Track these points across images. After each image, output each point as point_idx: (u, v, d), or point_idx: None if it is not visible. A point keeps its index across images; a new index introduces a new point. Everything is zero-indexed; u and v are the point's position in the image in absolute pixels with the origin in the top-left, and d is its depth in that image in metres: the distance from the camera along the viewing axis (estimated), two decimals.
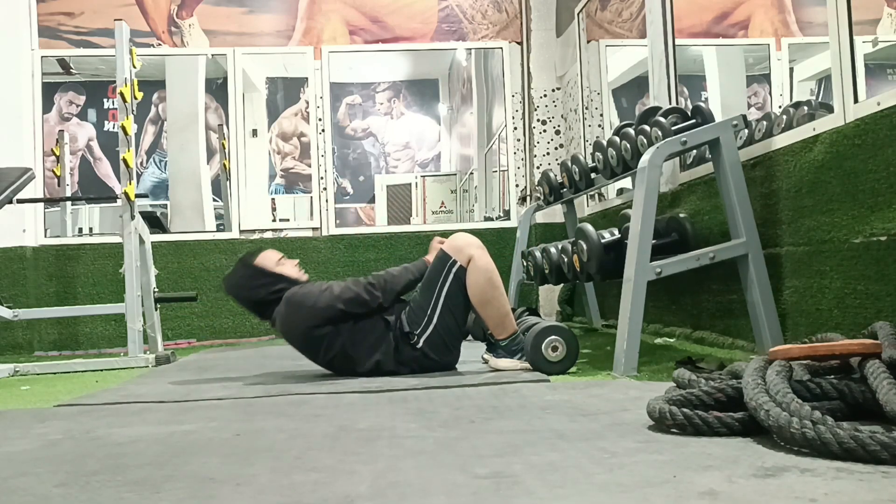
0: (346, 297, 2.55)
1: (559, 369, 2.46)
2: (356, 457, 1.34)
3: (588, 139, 4.68)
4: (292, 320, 2.59)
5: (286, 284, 2.64)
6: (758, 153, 2.62)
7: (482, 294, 2.52)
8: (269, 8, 5.25)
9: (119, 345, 4.48)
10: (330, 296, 2.55)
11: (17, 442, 1.67)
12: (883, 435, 1.11)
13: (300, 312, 2.56)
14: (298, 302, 2.57)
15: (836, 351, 1.50)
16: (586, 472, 1.16)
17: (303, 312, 2.56)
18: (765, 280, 2.48)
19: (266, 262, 2.70)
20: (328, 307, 2.54)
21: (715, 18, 4.16)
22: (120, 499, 1.13)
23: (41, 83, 5.05)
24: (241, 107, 5.27)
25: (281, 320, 2.61)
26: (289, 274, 2.69)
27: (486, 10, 5.35)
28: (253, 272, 2.68)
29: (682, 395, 1.47)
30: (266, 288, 2.65)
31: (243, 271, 2.71)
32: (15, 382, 3.10)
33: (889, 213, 1.96)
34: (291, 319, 2.59)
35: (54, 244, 4.96)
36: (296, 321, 2.58)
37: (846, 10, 2.17)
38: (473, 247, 2.56)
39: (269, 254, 2.74)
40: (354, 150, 8.89)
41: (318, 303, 2.55)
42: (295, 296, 2.59)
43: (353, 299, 2.55)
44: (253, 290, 2.67)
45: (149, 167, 7.40)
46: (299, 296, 2.58)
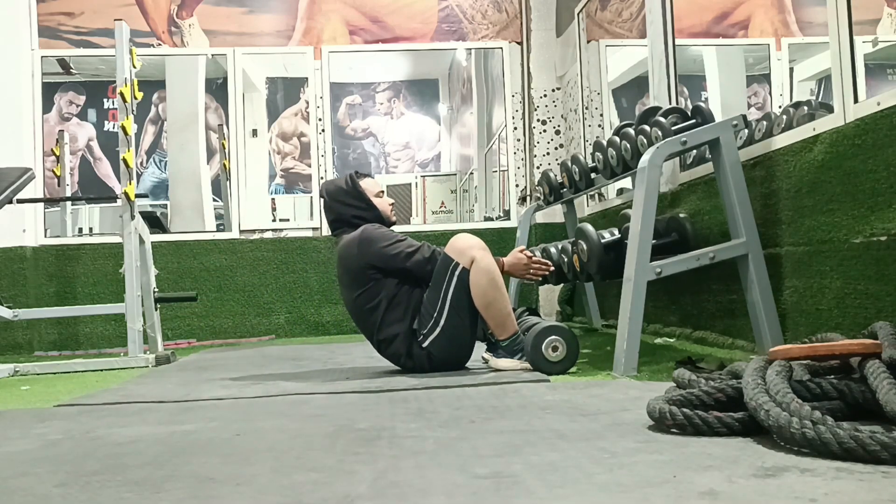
0: (415, 258, 2.58)
1: (559, 369, 2.46)
2: (356, 457, 1.34)
3: (588, 139, 4.68)
4: (356, 251, 2.62)
5: (373, 217, 2.71)
6: (758, 153, 2.62)
7: (485, 295, 2.52)
8: (269, 8, 5.25)
9: (119, 345, 4.48)
10: (403, 248, 2.59)
11: (17, 442, 1.67)
12: (883, 435, 1.11)
13: (367, 248, 2.60)
14: (371, 238, 2.61)
15: (836, 351, 1.50)
16: (586, 472, 1.16)
17: (369, 249, 2.60)
18: (765, 280, 2.48)
19: (368, 187, 2.77)
20: (394, 257, 2.58)
21: (715, 18, 4.15)
22: (120, 499, 1.13)
23: (41, 83, 5.05)
24: (241, 107, 5.27)
25: (346, 245, 2.65)
26: (381, 208, 2.76)
27: (486, 10, 5.35)
28: (351, 190, 2.74)
29: (682, 395, 1.47)
30: (354, 209, 2.72)
31: (344, 185, 2.76)
32: (15, 382, 3.10)
33: (889, 213, 1.96)
34: (355, 250, 2.62)
35: (54, 244, 4.96)
36: (358, 253, 2.61)
37: (846, 10, 2.17)
38: (475, 248, 2.56)
39: (373, 183, 2.83)
40: (354, 150, 8.89)
41: (388, 249, 2.59)
42: (371, 231, 2.63)
43: (419, 263, 2.58)
44: (344, 206, 2.74)
45: (149, 167, 7.40)
46: (377, 234, 2.63)
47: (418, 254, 2.59)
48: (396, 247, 2.60)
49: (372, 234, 2.63)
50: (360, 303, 2.63)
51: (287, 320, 5.02)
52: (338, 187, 2.77)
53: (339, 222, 2.75)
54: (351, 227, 2.70)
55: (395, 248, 2.59)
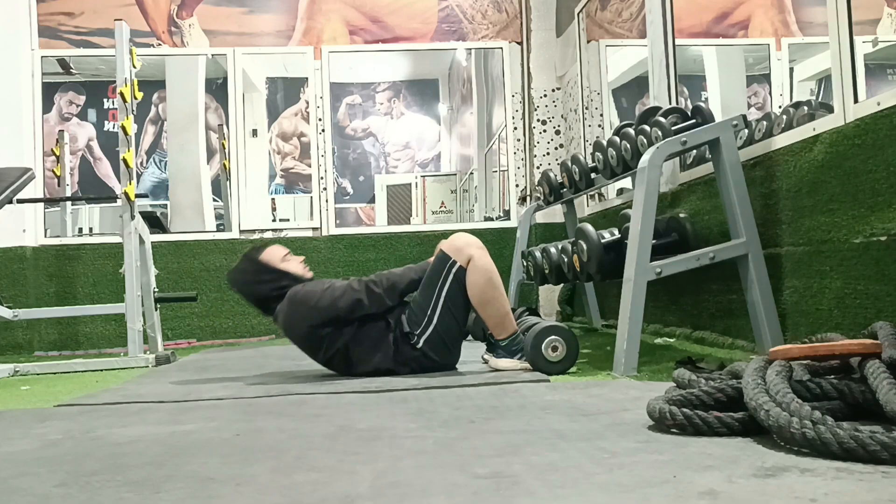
0: (346, 300, 2.53)
1: (559, 369, 2.46)
2: (356, 457, 1.34)
3: (588, 139, 4.68)
4: (294, 319, 2.59)
5: (290, 282, 2.64)
6: (758, 153, 2.62)
7: (482, 294, 2.52)
8: (269, 8, 5.25)
9: (119, 345, 4.48)
10: (331, 296, 2.54)
11: (17, 442, 1.66)
12: (883, 435, 1.11)
13: (302, 311, 2.56)
14: (300, 300, 2.57)
15: (836, 351, 1.50)
16: (586, 472, 1.16)
17: (304, 311, 2.56)
18: (765, 280, 2.48)
19: (271, 258, 2.69)
20: (329, 308, 2.54)
21: (715, 18, 4.15)
22: (120, 499, 1.13)
23: (41, 83, 5.05)
24: (241, 107, 5.27)
25: (283, 318, 2.61)
26: (293, 271, 2.69)
27: (486, 10, 5.35)
28: (257, 267, 2.68)
29: (682, 395, 1.47)
30: (269, 284, 2.64)
31: (248, 266, 2.70)
32: (15, 382, 3.10)
33: (889, 213, 1.96)
34: (293, 318, 2.59)
35: (54, 244, 4.96)
36: (297, 320, 2.58)
37: (846, 10, 2.17)
38: (473, 247, 2.55)
39: (274, 249, 2.73)
40: (354, 150, 8.89)
41: (320, 303, 2.54)
42: (297, 294, 2.58)
43: (354, 303, 2.53)
44: (257, 286, 2.66)
45: (149, 167, 7.41)
46: (301, 294, 2.58)
47: (346, 295, 2.53)
48: (324, 298, 2.53)
49: (297, 295, 2.57)
50: (328, 358, 2.61)
51: None
52: (242, 272, 2.70)
53: (265, 301, 2.66)
54: (277, 300, 2.62)
55: (324, 301, 2.53)
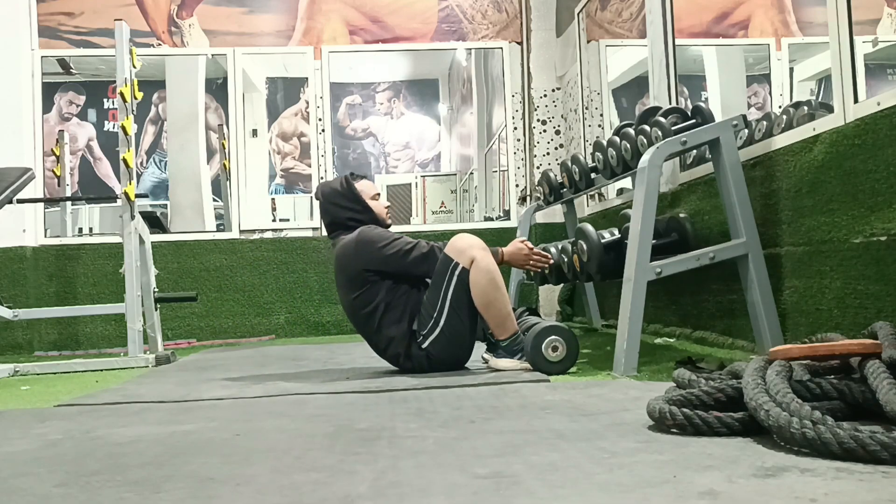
0: (413, 255, 2.57)
1: (559, 369, 2.46)
2: (356, 457, 1.34)
3: (588, 139, 4.68)
4: (352, 254, 2.60)
5: (368, 218, 2.70)
6: (758, 153, 2.62)
7: (484, 295, 2.52)
8: (269, 8, 5.25)
9: (119, 345, 4.48)
10: (400, 246, 2.57)
11: (17, 442, 1.66)
12: (883, 435, 1.11)
13: (364, 250, 2.59)
14: (368, 239, 2.59)
15: (836, 351, 1.50)
16: (586, 472, 1.16)
17: (366, 252, 2.58)
18: (765, 280, 2.48)
19: (364, 189, 2.76)
20: (391, 257, 2.57)
21: (715, 18, 4.15)
22: (120, 499, 1.13)
23: (41, 83, 5.05)
24: (241, 107, 5.27)
25: (342, 248, 2.64)
26: (376, 211, 2.74)
27: (486, 10, 5.35)
28: (347, 192, 2.72)
29: (682, 395, 1.47)
30: (349, 212, 2.70)
31: (339, 187, 2.74)
32: (15, 382, 3.10)
33: (889, 213, 1.96)
34: (352, 252, 2.60)
35: (54, 244, 4.96)
36: (355, 255, 2.60)
37: (846, 10, 2.17)
38: (475, 248, 2.56)
39: (369, 185, 2.81)
40: (354, 150, 8.89)
41: (385, 250, 2.57)
42: (368, 233, 2.61)
43: (417, 259, 2.57)
44: (338, 209, 2.72)
45: (149, 167, 7.41)
46: (372, 235, 2.61)
47: (416, 251, 2.58)
48: (394, 245, 2.58)
49: (368, 235, 2.61)
50: (358, 305, 2.63)
51: (287, 320, 5.02)
52: (333, 189, 2.76)
53: (335, 225, 2.74)
54: (347, 229, 2.68)
55: (391, 248, 2.58)
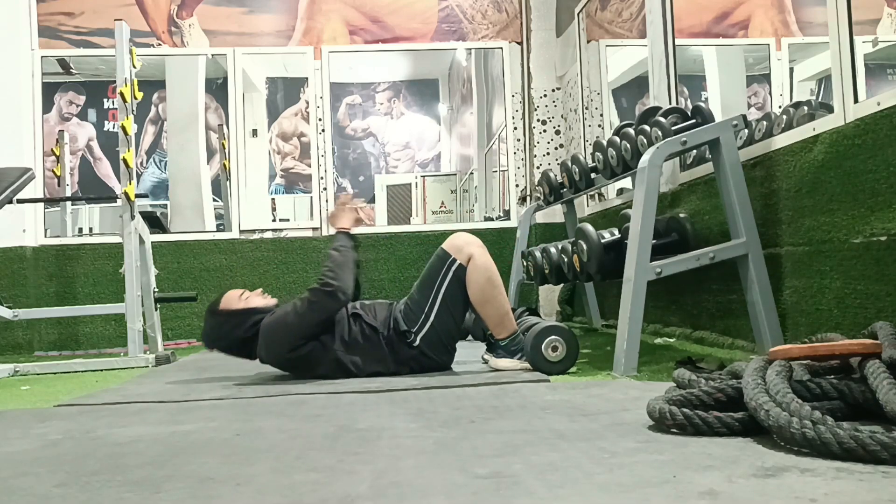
0: (309, 307, 2.51)
1: (559, 369, 2.46)
2: (356, 457, 1.34)
3: (588, 139, 4.68)
4: (273, 349, 2.55)
5: (258, 316, 2.60)
6: (758, 153, 2.62)
7: (482, 293, 2.52)
8: (269, 8, 5.25)
9: (119, 345, 4.48)
10: (295, 312, 2.51)
11: (17, 442, 1.66)
12: (883, 435, 1.11)
13: (277, 338, 2.52)
14: (272, 329, 2.53)
15: (836, 351, 1.50)
16: (586, 472, 1.16)
17: (280, 336, 2.52)
18: (765, 280, 2.48)
19: (230, 302, 2.65)
20: (299, 323, 2.50)
21: (715, 18, 4.15)
22: (120, 499, 1.13)
23: (41, 83, 5.05)
24: (241, 107, 5.27)
25: (265, 352, 2.57)
26: (256, 305, 2.65)
27: (486, 10, 5.35)
28: (221, 318, 2.63)
29: (682, 395, 1.47)
30: (240, 327, 2.60)
31: (213, 320, 2.65)
32: (15, 382, 3.10)
33: (889, 213, 1.96)
34: (273, 348, 2.55)
35: (54, 244, 4.96)
36: (277, 348, 2.54)
37: (846, 10, 2.17)
38: (474, 245, 2.55)
39: (230, 295, 2.69)
40: (354, 150, 8.89)
41: (290, 322, 2.51)
42: (267, 325, 2.54)
43: (316, 305, 2.51)
44: (229, 334, 2.62)
45: (149, 167, 7.41)
46: (271, 323, 2.54)
47: (307, 302, 2.51)
48: (288, 315, 2.52)
49: (268, 326, 2.54)
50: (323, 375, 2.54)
51: None
52: (211, 328, 2.65)
53: (245, 345, 2.62)
54: (253, 340, 2.59)
55: (291, 319, 2.51)
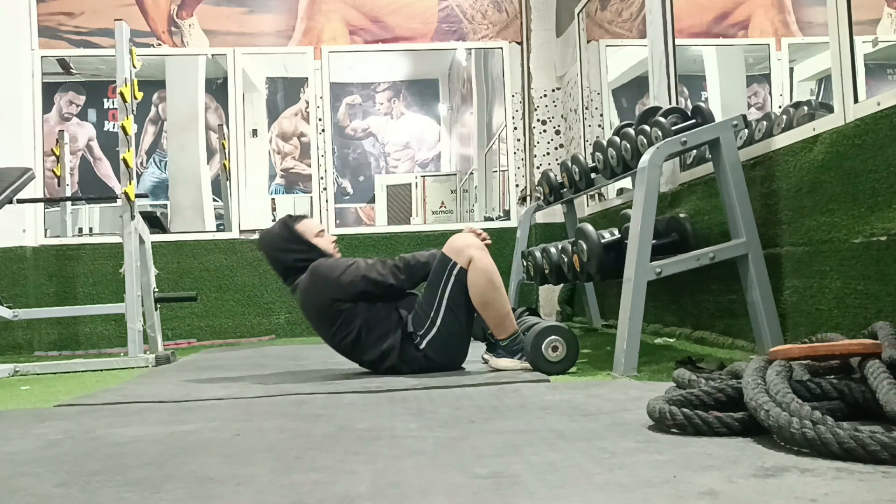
0: (371, 276, 2.55)
1: (559, 369, 2.46)
2: (356, 457, 1.34)
3: (588, 139, 4.68)
4: (313, 291, 2.59)
5: (317, 255, 2.65)
6: (758, 153, 2.62)
7: (483, 295, 2.52)
8: (269, 8, 5.25)
9: (119, 345, 4.48)
10: (355, 272, 2.55)
11: (17, 442, 1.66)
12: (883, 435, 1.11)
13: (322, 284, 2.57)
14: (322, 273, 2.58)
15: (836, 351, 1.50)
16: (586, 472, 1.16)
17: (325, 284, 2.56)
18: (765, 280, 2.48)
19: (305, 229, 2.71)
20: (351, 283, 2.54)
21: (715, 18, 4.15)
22: (120, 499, 1.13)
23: (41, 83, 5.05)
24: (241, 107, 5.27)
25: (302, 289, 2.62)
26: (323, 247, 2.70)
27: (486, 10, 5.35)
28: (289, 235, 2.69)
29: (682, 395, 1.47)
30: (296, 254, 2.66)
31: (281, 231, 2.71)
32: (15, 382, 3.09)
33: (889, 213, 1.96)
34: (313, 290, 2.59)
35: (54, 244, 4.96)
36: (317, 292, 2.58)
37: (846, 10, 2.17)
38: (473, 248, 2.55)
39: (310, 223, 2.76)
40: (354, 150, 8.89)
41: (343, 277, 2.55)
42: (320, 267, 2.59)
43: (377, 281, 2.55)
44: (283, 253, 2.68)
45: (149, 167, 7.41)
46: (324, 267, 2.59)
47: (372, 271, 2.55)
48: (348, 272, 2.55)
49: (321, 269, 2.58)
50: (338, 339, 2.61)
51: (287, 320, 5.01)
52: (274, 236, 2.71)
53: (287, 271, 2.69)
54: (299, 271, 2.64)
55: (348, 275, 2.55)
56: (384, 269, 2.57)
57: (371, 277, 2.55)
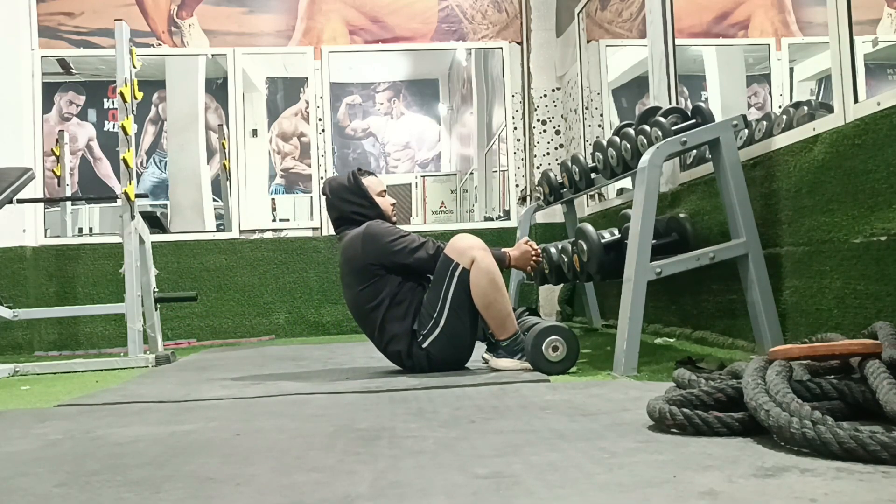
0: (419, 254, 2.59)
1: (559, 369, 2.46)
2: (356, 457, 1.34)
3: (588, 139, 4.68)
4: (360, 247, 2.62)
5: (374, 213, 2.71)
6: (758, 153, 2.62)
7: (485, 296, 2.52)
8: (269, 8, 5.25)
9: (119, 345, 4.48)
10: (407, 244, 2.59)
11: (17, 442, 1.67)
12: (883, 435, 1.11)
13: (372, 243, 2.60)
14: (376, 234, 2.61)
15: (836, 351, 1.50)
16: (586, 472, 1.16)
17: (374, 245, 2.60)
18: (765, 280, 2.48)
19: (371, 185, 2.77)
20: (399, 252, 2.58)
21: (715, 18, 4.15)
22: (120, 499, 1.13)
23: (41, 83, 5.05)
24: (241, 107, 5.27)
25: (349, 241, 2.66)
26: (382, 207, 2.76)
27: (486, 10, 5.35)
28: (354, 187, 2.75)
29: (682, 395, 1.47)
30: (355, 206, 2.72)
31: (347, 182, 2.77)
32: (15, 382, 3.10)
33: (889, 213, 1.96)
34: (360, 246, 2.62)
35: (54, 244, 4.96)
36: (363, 248, 2.61)
37: (846, 10, 2.17)
38: (476, 249, 2.56)
39: (375, 181, 2.82)
40: (354, 150, 8.89)
41: (394, 245, 2.59)
42: (376, 227, 2.63)
43: (422, 261, 2.59)
44: (344, 203, 2.74)
45: (149, 167, 7.40)
46: (381, 229, 2.63)
47: (422, 250, 2.60)
48: (401, 242, 2.60)
49: (376, 229, 2.63)
50: (362, 299, 2.63)
51: (287, 320, 5.02)
52: (340, 184, 2.78)
53: (342, 220, 2.76)
54: (353, 224, 2.70)
55: (399, 244, 2.59)
56: (433, 251, 2.61)
57: (419, 256, 2.59)
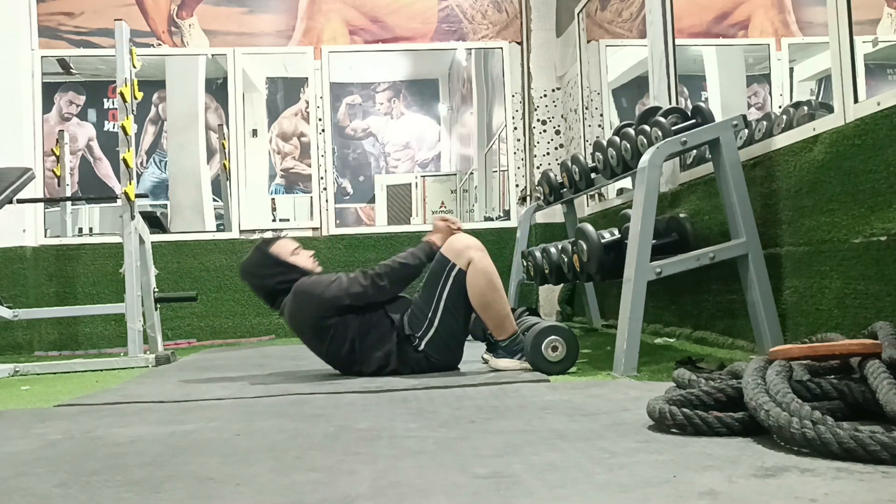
0: (353, 290, 2.55)
1: (559, 369, 2.46)
2: (356, 457, 1.34)
3: (588, 139, 4.68)
4: (300, 310, 2.60)
5: (298, 275, 2.66)
6: (758, 153, 2.62)
7: (482, 297, 2.52)
8: (269, 8, 5.25)
9: (119, 345, 4.48)
10: (338, 287, 2.56)
11: (17, 442, 1.66)
12: (883, 435, 1.11)
13: (308, 303, 2.58)
14: (306, 292, 2.58)
15: (836, 351, 1.50)
16: (586, 472, 1.16)
17: (310, 302, 2.57)
18: (765, 280, 2.48)
19: (281, 250, 2.71)
20: (335, 298, 2.55)
21: (715, 18, 4.15)
22: (120, 499, 1.13)
23: (41, 83, 5.05)
24: (241, 107, 5.27)
25: (289, 310, 2.63)
26: (302, 265, 2.70)
27: (486, 10, 5.35)
28: (266, 259, 2.70)
29: (682, 395, 1.47)
30: (277, 277, 2.67)
31: (257, 258, 2.72)
32: (15, 382, 3.10)
33: (889, 213, 1.96)
34: (299, 309, 2.60)
35: (54, 244, 4.96)
36: (303, 311, 2.59)
37: (846, 10, 2.17)
38: (473, 249, 2.55)
39: (285, 243, 2.76)
40: (354, 150, 8.89)
41: (326, 293, 2.55)
42: (303, 285, 2.60)
43: (360, 294, 2.56)
44: (264, 278, 2.69)
45: (149, 167, 7.41)
46: (307, 286, 2.60)
47: (355, 285, 2.56)
48: (331, 288, 2.56)
49: (304, 287, 2.59)
50: (333, 352, 2.61)
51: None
52: (253, 263, 2.73)
53: (272, 295, 2.70)
54: (284, 293, 2.65)
55: (330, 290, 2.55)
56: (366, 281, 2.57)
57: (353, 291, 2.55)
